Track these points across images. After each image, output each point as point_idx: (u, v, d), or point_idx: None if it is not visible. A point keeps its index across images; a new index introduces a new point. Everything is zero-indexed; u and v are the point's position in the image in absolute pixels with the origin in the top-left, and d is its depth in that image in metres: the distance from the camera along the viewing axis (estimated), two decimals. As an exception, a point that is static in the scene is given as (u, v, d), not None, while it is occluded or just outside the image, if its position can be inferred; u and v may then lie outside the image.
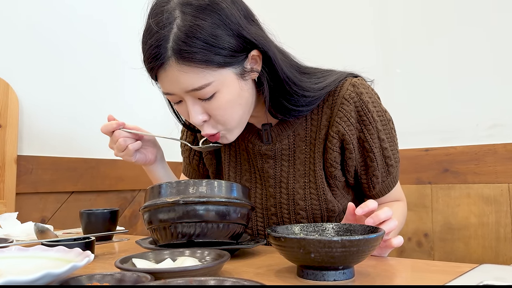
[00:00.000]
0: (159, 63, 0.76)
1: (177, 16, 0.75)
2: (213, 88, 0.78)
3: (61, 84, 1.51)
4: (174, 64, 0.76)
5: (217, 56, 0.76)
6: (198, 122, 0.82)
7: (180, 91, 0.79)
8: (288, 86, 0.85)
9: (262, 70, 0.84)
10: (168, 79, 0.78)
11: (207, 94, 0.79)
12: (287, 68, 0.86)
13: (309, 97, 0.87)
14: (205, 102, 0.80)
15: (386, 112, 0.92)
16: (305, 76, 0.90)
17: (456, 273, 0.60)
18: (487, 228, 1.36)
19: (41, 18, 1.46)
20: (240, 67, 0.80)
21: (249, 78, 0.84)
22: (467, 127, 1.43)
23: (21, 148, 1.39)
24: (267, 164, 0.96)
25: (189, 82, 0.77)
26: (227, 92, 0.80)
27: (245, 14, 0.82)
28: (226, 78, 0.79)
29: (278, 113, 0.89)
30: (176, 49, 0.74)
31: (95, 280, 0.52)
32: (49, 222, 1.43)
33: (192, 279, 0.47)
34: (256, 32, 0.81)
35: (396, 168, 0.94)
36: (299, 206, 0.93)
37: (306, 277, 0.60)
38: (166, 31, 0.75)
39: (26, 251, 0.67)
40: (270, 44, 0.84)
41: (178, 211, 0.72)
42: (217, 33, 0.75)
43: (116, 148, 0.98)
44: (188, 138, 1.09)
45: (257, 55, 0.82)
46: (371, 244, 0.57)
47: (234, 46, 0.77)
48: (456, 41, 1.46)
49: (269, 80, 0.84)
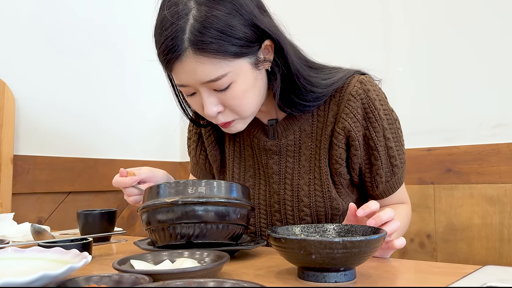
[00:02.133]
0: (176, 55, 0.77)
1: (193, 7, 0.76)
2: (229, 78, 0.79)
3: (58, 83, 1.51)
4: (191, 56, 0.76)
5: (233, 46, 0.77)
6: (213, 113, 0.83)
7: (196, 82, 0.80)
8: (297, 79, 0.86)
9: (274, 61, 0.85)
10: (185, 70, 0.79)
11: (223, 85, 0.80)
12: (297, 61, 0.87)
13: (317, 93, 0.88)
14: (221, 93, 0.81)
15: (392, 112, 0.92)
16: (314, 71, 0.91)
17: (459, 275, 0.60)
18: (490, 229, 1.36)
19: (39, 17, 1.46)
20: (254, 56, 0.82)
21: (262, 68, 0.85)
22: (470, 126, 1.43)
23: (18, 147, 1.39)
24: (272, 160, 0.96)
25: (206, 73, 0.78)
26: (243, 82, 0.81)
27: (257, 4, 0.83)
28: (241, 68, 0.80)
29: (286, 107, 0.90)
30: (193, 40, 0.75)
31: (93, 282, 0.52)
32: (46, 223, 1.43)
33: (191, 281, 0.47)
34: (268, 22, 0.83)
35: (402, 169, 0.94)
36: (303, 203, 0.93)
37: (307, 278, 0.59)
38: (182, 22, 0.76)
39: (22, 252, 0.67)
40: (281, 35, 0.85)
41: (177, 212, 0.72)
42: (232, 23, 0.76)
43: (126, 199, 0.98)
44: (193, 137, 1.09)
45: (269, 45, 0.84)
46: (373, 245, 0.57)
47: (249, 35, 0.79)
48: (459, 40, 1.45)
49: (281, 71, 0.86)
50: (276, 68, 0.85)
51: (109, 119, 1.67)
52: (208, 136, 1.05)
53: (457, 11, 1.47)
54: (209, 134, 1.05)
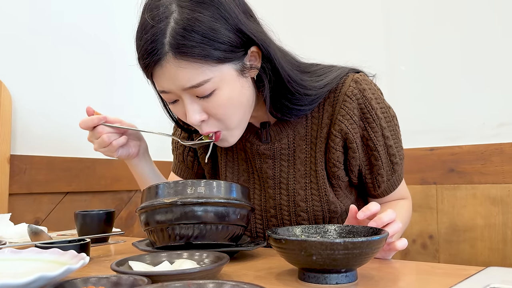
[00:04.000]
0: (155, 59, 0.75)
1: (174, 10, 0.75)
2: (212, 84, 0.77)
3: (55, 81, 1.51)
4: (171, 60, 0.75)
5: (216, 51, 0.75)
6: (196, 122, 0.81)
7: (177, 88, 0.78)
8: (290, 84, 0.84)
9: (262, 68, 0.83)
10: (165, 76, 0.77)
11: (206, 91, 0.78)
12: (288, 66, 0.85)
13: (311, 96, 0.87)
14: (204, 100, 0.79)
15: (390, 108, 0.92)
16: (306, 75, 0.89)
17: (462, 276, 0.60)
18: (494, 229, 1.36)
19: (35, 16, 1.46)
20: (240, 63, 0.80)
21: (249, 76, 0.83)
22: (473, 125, 1.43)
23: (14, 147, 1.39)
24: (266, 164, 0.95)
25: (187, 78, 0.76)
26: (227, 89, 0.79)
27: (243, 9, 0.81)
28: (226, 74, 0.78)
29: (278, 113, 0.88)
30: (174, 43, 0.73)
31: (90, 283, 0.52)
32: (43, 224, 1.43)
33: (190, 282, 0.47)
34: (255, 28, 0.81)
35: (401, 165, 0.93)
36: (300, 208, 0.93)
37: (308, 280, 0.59)
38: (162, 25, 0.74)
39: (19, 253, 0.67)
40: (269, 41, 0.83)
41: (175, 212, 0.72)
42: (215, 27, 0.75)
43: (98, 143, 0.95)
44: (182, 134, 1.07)
45: (256, 52, 0.82)
46: (375, 246, 0.57)
47: (233, 41, 0.77)
48: (462, 39, 1.45)
49: (269, 78, 0.84)
50: (263, 75, 0.83)
51: (107, 119, 1.67)
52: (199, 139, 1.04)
53: (460, 9, 1.47)
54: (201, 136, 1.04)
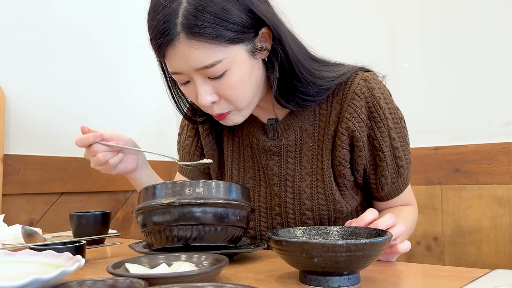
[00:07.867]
0: (168, 39, 0.77)
1: None
2: (224, 65, 0.79)
3: (49, 80, 1.51)
4: (183, 40, 0.76)
5: (228, 32, 0.77)
6: (207, 103, 0.83)
7: (190, 69, 0.80)
8: (298, 69, 0.85)
9: (272, 50, 0.85)
10: (177, 56, 0.79)
11: (218, 72, 0.79)
12: (298, 50, 0.87)
13: (319, 86, 0.88)
14: (215, 81, 0.81)
15: (398, 110, 0.92)
16: (316, 64, 0.90)
17: (468, 279, 0.60)
18: (500, 231, 1.36)
19: (29, 16, 1.46)
20: (251, 44, 0.82)
21: (259, 57, 0.85)
22: (480, 124, 1.43)
23: (8, 146, 1.39)
24: (272, 161, 0.96)
25: (199, 59, 0.78)
26: (238, 70, 0.81)
27: None
28: (237, 55, 0.80)
29: (283, 99, 0.89)
30: (186, 24, 0.75)
31: (86, 286, 0.52)
32: (38, 225, 1.43)
33: (189, 285, 0.47)
34: (266, 9, 0.83)
35: (407, 169, 0.93)
36: (305, 206, 0.93)
37: (309, 283, 0.60)
38: (175, 6, 0.76)
39: (13, 255, 0.67)
40: (279, 23, 0.85)
41: (173, 213, 0.72)
42: (227, 8, 0.76)
43: (94, 162, 0.95)
44: (189, 132, 1.08)
45: (267, 33, 0.83)
46: (378, 248, 0.57)
47: (245, 21, 0.78)
48: (468, 36, 1.45)
49: (279, 61, 0.85)
50: (274, 57, 0.85)
51: (103, 118, 1.67)
52: (206, 136, 1.05)
53: (465, 6, 1.47)
54: (207, 133, 1.05)
